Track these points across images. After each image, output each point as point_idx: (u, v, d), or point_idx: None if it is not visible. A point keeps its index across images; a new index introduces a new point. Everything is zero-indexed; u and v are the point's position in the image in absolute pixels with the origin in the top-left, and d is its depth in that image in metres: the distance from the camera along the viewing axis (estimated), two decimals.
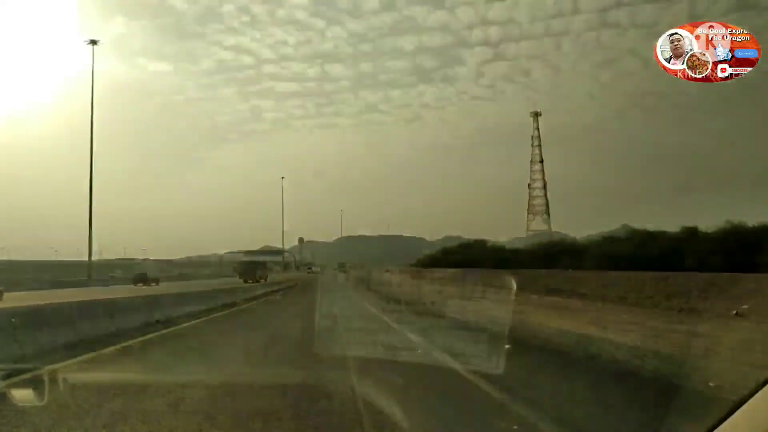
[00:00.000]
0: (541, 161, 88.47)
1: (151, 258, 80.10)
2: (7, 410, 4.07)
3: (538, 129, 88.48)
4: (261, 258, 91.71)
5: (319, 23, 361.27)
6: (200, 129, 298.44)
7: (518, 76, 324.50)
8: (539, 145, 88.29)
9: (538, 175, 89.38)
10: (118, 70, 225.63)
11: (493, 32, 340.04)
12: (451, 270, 33.96)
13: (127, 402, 4.55)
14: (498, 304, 13.26)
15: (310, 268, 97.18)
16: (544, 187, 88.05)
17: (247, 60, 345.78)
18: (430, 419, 4.00)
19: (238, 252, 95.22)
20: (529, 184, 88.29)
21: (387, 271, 55.02)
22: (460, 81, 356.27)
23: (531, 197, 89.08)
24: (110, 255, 77.95)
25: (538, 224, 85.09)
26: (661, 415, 3.76)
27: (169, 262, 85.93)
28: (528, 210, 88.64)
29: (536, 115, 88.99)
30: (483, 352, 6.36)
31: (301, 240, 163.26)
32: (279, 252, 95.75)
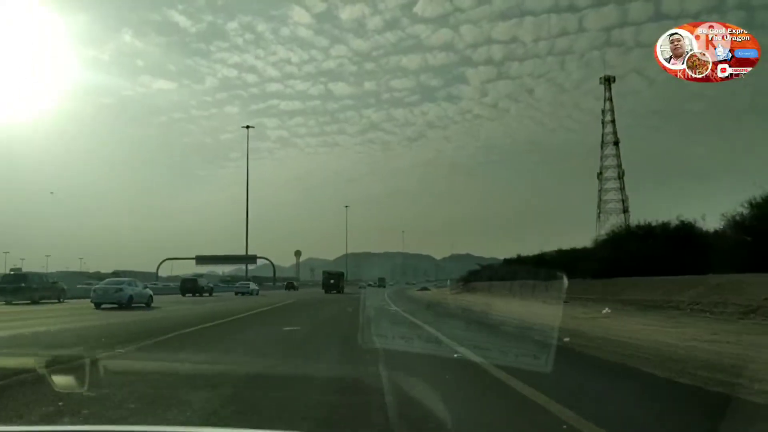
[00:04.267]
0: (617, 142, 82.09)
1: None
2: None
3: (611, 100, 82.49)
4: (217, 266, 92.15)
5: (323, 41, 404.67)
6: (204, 147, 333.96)
7: (522, 95, 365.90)
8: (613, 121, 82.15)
9: (611, 162, 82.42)
10: (122, 86, 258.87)
11: (497, 51, 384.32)
12: None
13: None
14: None
15: (369, 284, 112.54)
16: (621, 176, 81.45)
17: (251, 78, 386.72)
18: None
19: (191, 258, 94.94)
20: (598, 174, 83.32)
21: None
22: (464, 100, 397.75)
23: (602, 191, 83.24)
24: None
25: (611, 227, 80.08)
26: None
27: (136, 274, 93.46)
28: (598, 208, 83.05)
29: (608, 80, 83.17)
30: None
31: (298, 253, 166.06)
32: (245, 259, 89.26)
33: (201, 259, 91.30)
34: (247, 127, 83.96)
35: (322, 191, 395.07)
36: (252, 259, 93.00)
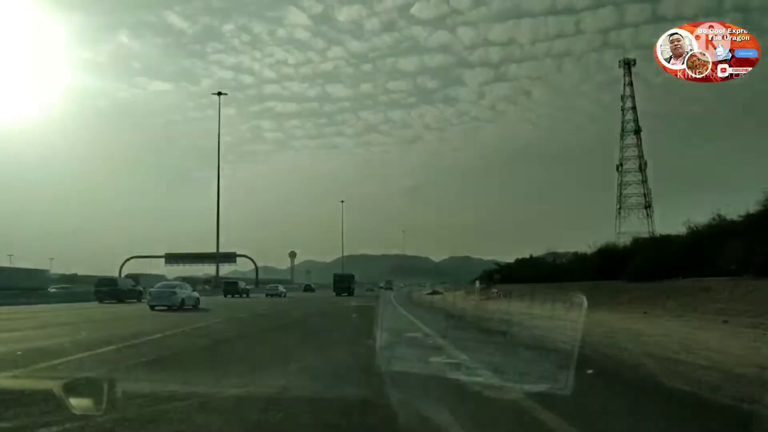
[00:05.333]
0: (638, 131, 78.55)
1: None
2: None
3: (631, 84, 78.88)
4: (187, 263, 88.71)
5: (320, 43, 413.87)
6: (200, 149, 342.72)
7: (519, 97, 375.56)
8: (633, 108, 78.37)
9: (632, 152, 78.92)
10: (118, 88, 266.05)
11: (495, 53, 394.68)
12: None
13: None
14: None
15: (381, 286, 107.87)
16: (643, 168, 78.16)
17: (248, 80, 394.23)
18: None
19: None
20: (617, 166, 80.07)
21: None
22: (461, 102, 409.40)
23: (622, 185, 79.93)
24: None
25: (632, 224, 75.66)
26: None
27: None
28: (618, 203, 79.36)
29: (627, 64, 79.90)
30: None
31: (292, 254, 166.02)
32: (221, 257, 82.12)
33: (171, 258, 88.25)
34: (219, 93, 75.14)
35: (319, 194, 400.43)
36: (230, 257, 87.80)
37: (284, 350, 11.16)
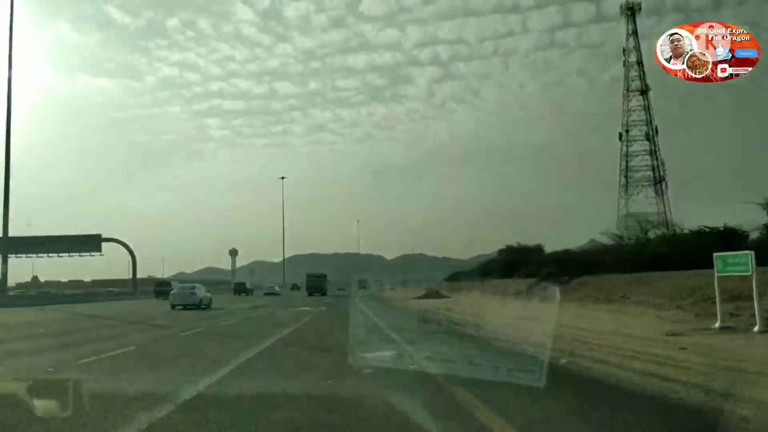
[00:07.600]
0: (644, 91, 68.60)
1: None
2: None
3: (636, 34, 68.95)
4: None
5: (267, 39, 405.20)
6: (144, 147, 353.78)
7: (468, 95, 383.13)
8: (640, 63, 68.08)
9: (638, 116, 69.59)
10: (58, 83, 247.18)
11: (443, 51, 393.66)
12: None
13: None
14: None
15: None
16: (651, 137, 68.83)
17: (193, 77, 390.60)
18: None
19: None
20: (620, 134, 70.50)
21: None
22: (411, 100, 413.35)
23: (628, 155, 70.29)
24: None
25: (641, 204, 66.57)
26: None
27: None
28: (623, 182, 69.98)
29: (631, 10, 69.14)
30: None
31: (234, 251, 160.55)
32: (81, 241, 74.25)
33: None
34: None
35: (268, 193, 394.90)
36: (94, 242, 75.60)
37: None
